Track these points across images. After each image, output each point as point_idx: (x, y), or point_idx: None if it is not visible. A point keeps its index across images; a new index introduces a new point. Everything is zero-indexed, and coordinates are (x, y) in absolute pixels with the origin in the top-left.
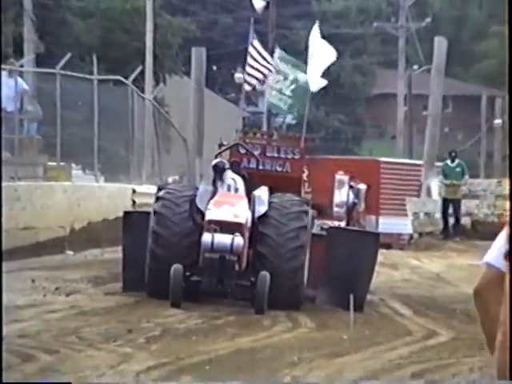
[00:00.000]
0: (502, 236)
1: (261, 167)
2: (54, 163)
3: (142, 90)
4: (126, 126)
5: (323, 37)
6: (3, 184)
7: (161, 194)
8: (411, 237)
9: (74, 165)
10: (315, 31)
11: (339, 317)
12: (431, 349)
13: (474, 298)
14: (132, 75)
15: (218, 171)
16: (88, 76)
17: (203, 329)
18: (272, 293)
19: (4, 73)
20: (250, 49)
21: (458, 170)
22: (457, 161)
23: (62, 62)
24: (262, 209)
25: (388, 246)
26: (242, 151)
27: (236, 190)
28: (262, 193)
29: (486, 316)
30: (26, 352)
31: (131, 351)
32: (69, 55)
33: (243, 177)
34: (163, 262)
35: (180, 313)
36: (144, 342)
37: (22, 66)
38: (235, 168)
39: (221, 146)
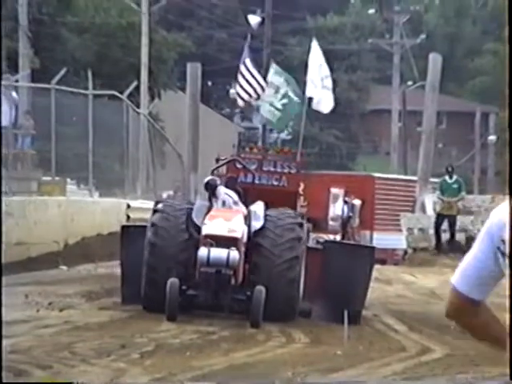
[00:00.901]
0: (468, 258)
1: (257, 181)
2: (49, 178)
3: (137, 105)
4: (121, 141)
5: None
6: None
7: (159, 206)
8: (405, 252)
9: (68, 180)
10: (315, 49)
11: (333, 332)
12: (425, 365)
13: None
14: (127, 90)
15: (211, 188)
16: (83, 91)
17: (197, 344)
18: (267, 304)
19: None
20: (242, 67)
21: (455, 186)
22: (455, 177)
23: (57, 77)
24: (257, 224)
25: (382, 262)
26: (239, 166)
27: (235, 203)
28: (257, 208)
29: (473, 330)
30: (18, 368)
31: (125, 366)
32: (64, 70)
33: (238, 192)
34: (159, 274)
35: (174, 328)
36: (138, 357)
37: (17, 81)
38: (231, 184)
39: (218, 160)
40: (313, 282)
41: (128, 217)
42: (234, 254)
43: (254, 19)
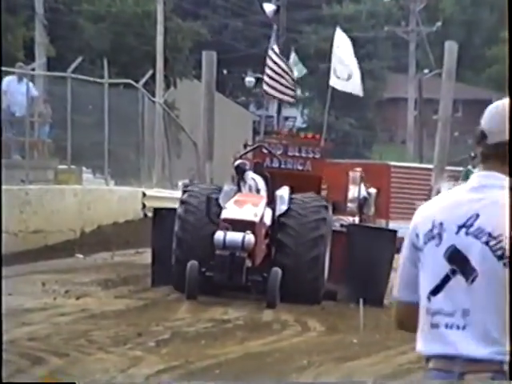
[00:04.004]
0: (404, 265)
1: (282, 166)
2: (65, 167)
3: (153, 94)
4: (137, 130)
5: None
6: (14, 187)
7: (188, 188)
8: None
9: (84, 168)
10: (341, 37)
11: (349, 321)
12: None
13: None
14: (142, 79)
15: (240, 172)
16: (99, 80)
17: (212, 332)
18: (293, 283)
19: (15, 77)
20: (270, 57)
21: None
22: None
23: (73, 65)
24: (283, 207)
25: (398, 250)
26: (265, 151)
27: (257, 190)
28: (283, 192)
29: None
30: (35, 355)
31: (141, 354)
32: (80, 59)
33: (265, 177)
34: (189, 252)
35: (189, 316)
36: (154, 345)
37: (33, 69)
38: (259, 169)
39: (246, 146)
40: (338, 265)
41: (144, 205)
42: (249, 238)
43: (269, 7)
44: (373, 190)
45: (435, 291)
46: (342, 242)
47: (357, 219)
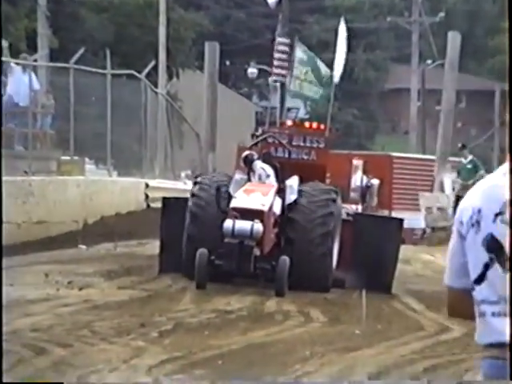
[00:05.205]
0: (453, 252)
1: (287, 156)
2: (68, 158)
3: (155, 85)
4: (139, 121)
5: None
6: (17, 178)
7: (198, 179)
8: (424, 232)
9: (87, 159)
10: (342, 28)
11: (352, 311)
12: (443, 344)
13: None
14: (145, 70)
15: (248, 162)
16: (101, 70)
17: (215, 323)
18: (300, 278)
19: (19, 68)
20: (278, 43)
21: (469, 166)
22: (469, 157)
23: (76, 56)
24: (292, 197)
25: (401, 241)
26: (270, 140)
27: (267, 176)
28: (293, 182)
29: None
30: (39, 346)
31: (144, 345)
32: (82, 50)
33: (275, 167)
34: (198, 243)
35: (192, 307)
36: (157, 336)
37: (35, 60)
38: (267, 158)
39: (253, 136)
40: (345, 253)
41: (146, 196)
42: (258, 227)
43: None
44: (375, 181)
45: (478, 280)
46: (349, 231)
47: (360, 207)
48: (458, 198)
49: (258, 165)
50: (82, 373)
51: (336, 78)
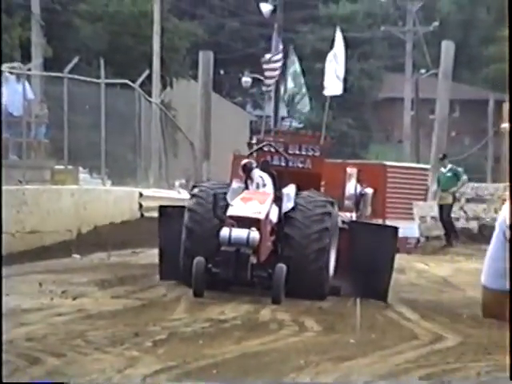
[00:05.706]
0: (495, 251)
1: (283, 164)
2: (62, 167)
3: (149, 94)
4: (133, 130)
5: (333, 40)
6: (11, 187)
7: (195, 191)
8: (418, 241)
9: (81, 168)
10: (338, 37)
11: (346, 320)
12: (438, 353)
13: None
14: (139, 79)
15: (247, 170)
16: (95, 80)
17: (210, 332)
18: (298, 277)
19: (13, 77)
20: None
21: (449, 175)
22: (449, 166)
23: (70, 65)
24: (289, 205)
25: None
26: (266, 149)
27: (264, 185)
28: (290, 190)
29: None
30: (32, 355)
31: (138, 355)
32: (76, 59)
33: (272, 175)
34: (195, 254)
35: (186, 316)
36: (151, 345)
37: (29, 69)
38: (266, 167)
39: (249, 144)
40: (341, 261)
41: (140, 205)
42: (254, 235)
43: (265, 7)
44: (369, 190)
45: None
46: (345, 239)
47: (354, 215)
48: (441, 207)
49: (257, 173)
50: (75, 382)
51: (339, 91)
